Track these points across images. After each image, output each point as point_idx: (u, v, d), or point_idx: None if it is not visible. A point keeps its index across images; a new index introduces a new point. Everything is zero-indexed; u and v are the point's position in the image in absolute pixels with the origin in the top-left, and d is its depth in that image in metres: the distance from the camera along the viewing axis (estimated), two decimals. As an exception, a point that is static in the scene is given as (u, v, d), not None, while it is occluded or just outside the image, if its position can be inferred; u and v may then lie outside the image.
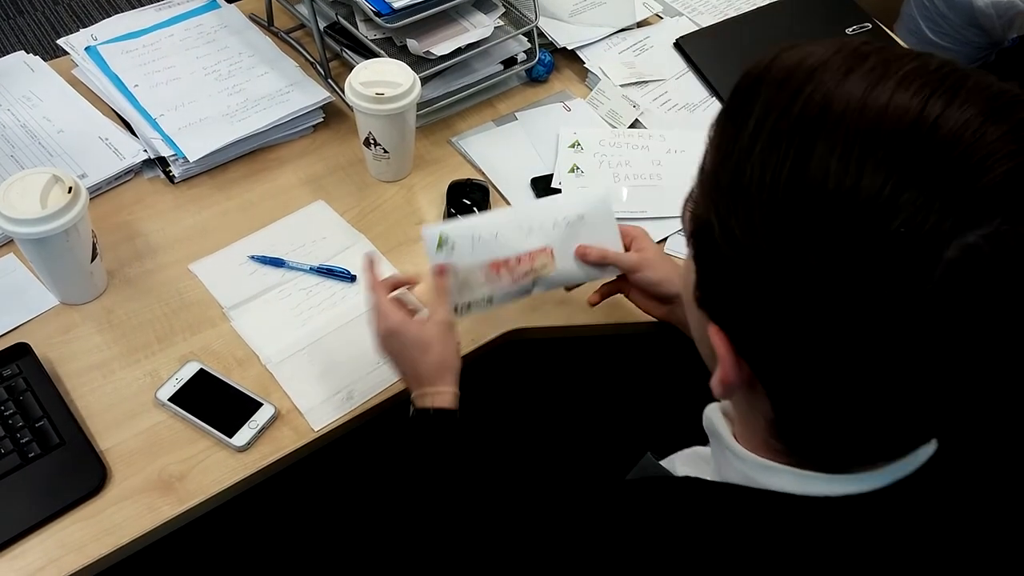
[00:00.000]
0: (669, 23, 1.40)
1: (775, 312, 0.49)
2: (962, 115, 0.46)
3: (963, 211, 0.45)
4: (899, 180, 0.45)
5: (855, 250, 0.46)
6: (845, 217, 0.46)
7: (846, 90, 0.48)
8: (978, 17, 1.89)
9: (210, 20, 1.32)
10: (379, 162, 1.14)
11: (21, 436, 0.89)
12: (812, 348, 0.48)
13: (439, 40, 1.18)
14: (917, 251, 0.45)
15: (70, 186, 0.93)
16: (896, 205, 0.45)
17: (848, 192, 0.46)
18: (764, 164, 0.49)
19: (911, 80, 0.48)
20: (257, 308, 1.02)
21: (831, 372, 0.48)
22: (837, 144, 0.47)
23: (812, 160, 0.47)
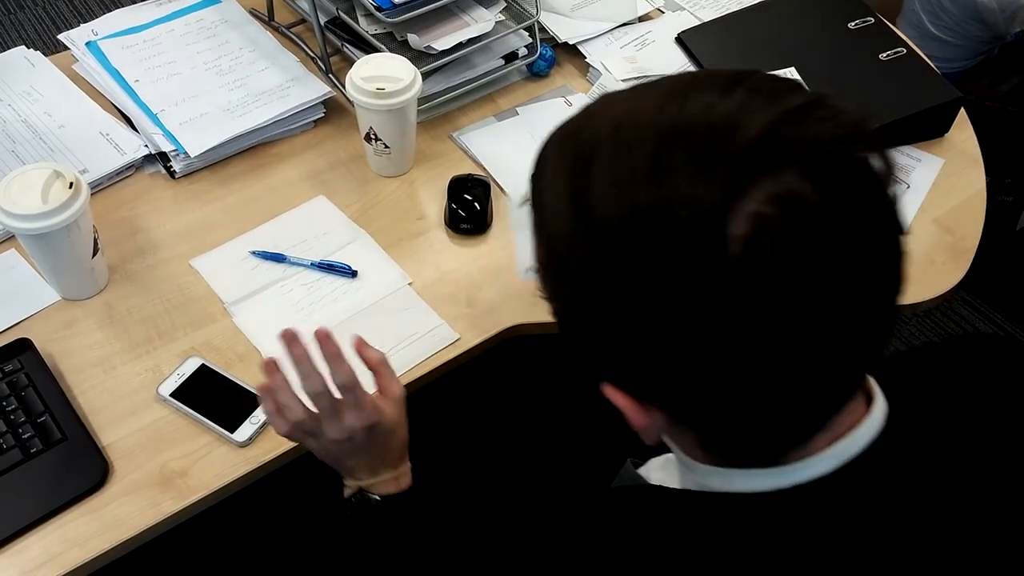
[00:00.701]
0: (671, 17, 1.40)
1: (630, 347, 0.50)
2: (701, 98, 0.49)
3: (731, 178, 0.46)
4: (665, 175, 0.47)
5: (658, 259, 0.47)
6: (642, 231, 0.47)
7: (608, 115, 0.52)
8: (981, 11, 1.88)
9: (211, 15, 1.32)
10: (380, 157, 1.14)
11: (23, 431, 0.89)
12: (673, 364, 0.49)
13: (440, 35, 1.18)
14: (705, 235, 0.45)
15: (71, 181, 0.93)
16: (671, 199, 0.46)
17: (633, 205, 0.47)
18: (553, 204, 0.52)
19: (651, 91, 0.52)
20: (258, 303, 1.02)
21: (704, 376, 0.49)
22: (609, 168, 0.49)
23: (591, 192, 0.49)
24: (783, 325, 0.47)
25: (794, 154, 0.46)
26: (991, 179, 1.23)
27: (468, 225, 1.10)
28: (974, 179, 1.19)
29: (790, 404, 0.51)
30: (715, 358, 0.48)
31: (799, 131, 0.47)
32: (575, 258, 0.50)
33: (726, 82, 0.50)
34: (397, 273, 1.05)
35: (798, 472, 0.54)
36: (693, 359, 0.48)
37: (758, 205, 0.45)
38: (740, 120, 0.47)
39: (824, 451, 0.54)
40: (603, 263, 0.49)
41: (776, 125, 0.46)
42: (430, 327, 1.01)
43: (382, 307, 1.02)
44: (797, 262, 0.45)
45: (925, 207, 1.15)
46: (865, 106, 1.28)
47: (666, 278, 0.47)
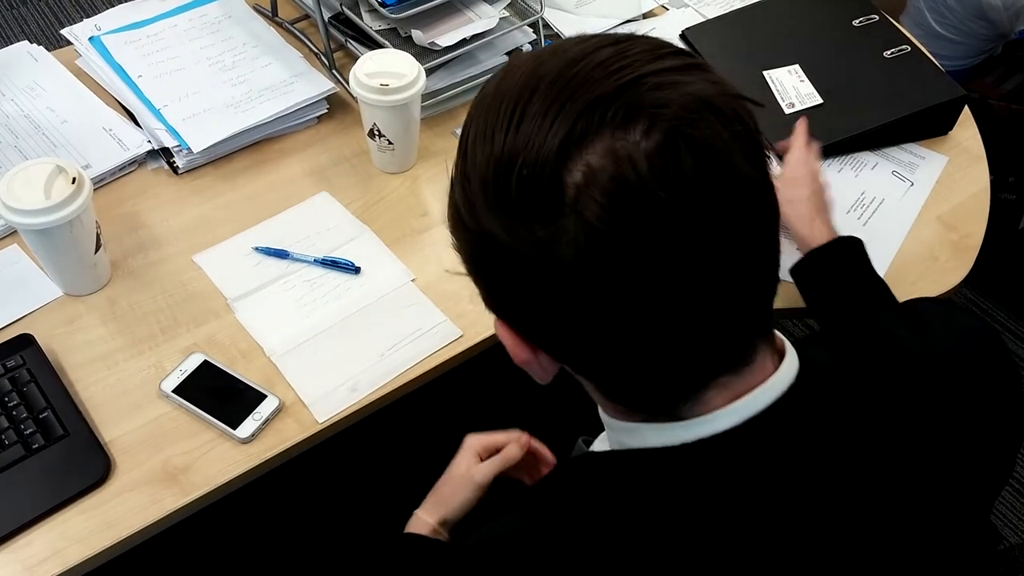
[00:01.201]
0: (675, 14, 1.40)
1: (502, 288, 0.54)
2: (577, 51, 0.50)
3: (571, 125, 0.47)
4: (520, 122, 0.49)
5: (510, 203, 0.49)
6: (498, 176, 0.49)
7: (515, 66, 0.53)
8: (985, 9, 1.88)
9: (214, 10, 1.32)
10: (383, 153, 1.14)
11: (25, 427, 0.89)
12: (536, 306, 0.52)
13: (444, 31, 1.18)
14: (543, 180, 0.47)
15: (74, 176, 0.93)
16: (517, 145, 0.48)
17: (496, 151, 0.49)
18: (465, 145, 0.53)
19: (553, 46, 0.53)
20: (261, 299, 1.02)
21: (563, 320, 0.51)
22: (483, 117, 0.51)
23: (469, 139, 0.52)
24: (620, 277, 0.48)
25: (642, 113, 0.47)
26: (994, 177, 1.22)
27: (471, 222, 1.09)
28: (978, 177, 1.19)
29: (663, 348, 0.52)
30: (569, 304, 0.50)
31: (655, 93, 0.48)
32: (457, 201, 0.54)
33: (608, 41, 0.51)
34: (400, 270, 1.05)
35: (699, 427, 0.55)
36: (551, 304, 0.51)
37: (594, 157, 0.47)
38: (601, 75, 0.48)
39: (723, 407, 0.55)
40: (472, 205, 0.51)
41: (632, 83, 0.48)
42: (433, 324, 1.00)
43: (385, 304, 1.02)
44: (624, 217, 0.47)
45: (929, 205, 1.14)
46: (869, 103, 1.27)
47: (518, 221, 0.49)
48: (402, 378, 0.96)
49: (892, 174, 1.18)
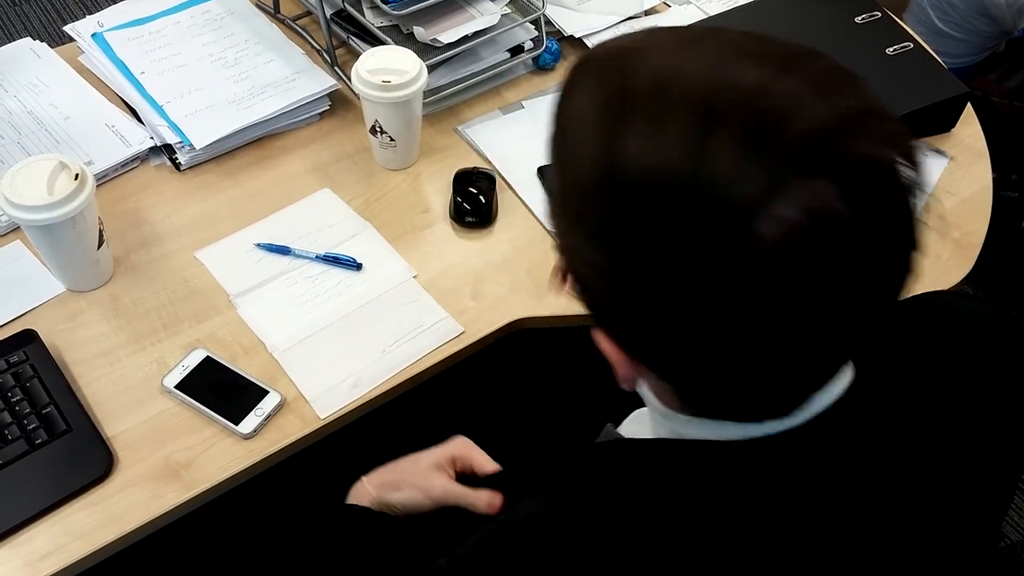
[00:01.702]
0: (677, 11, 1.39)
1: (631, 304, 0.51)
2: (753, 73, 0.47)
3: (772, 172, 0.45)
4: (707, 150, 0.46)
5: (679, 230, 0.46)
6: (671, 199, 0.46)
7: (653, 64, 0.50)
8: (988, 7, 1.87)
9: (216, 7, 1.32)
10: (385, 150, 1.14)
11: (28, 423, 0.89)
12: (672, 330, 0.50)
13: (446, 27, 1.18)
14: (733, 222, 0.45)
15: (76, 173, 0.93)
16: (709, 178, 0.45)
17: (667, 170, 0.46)
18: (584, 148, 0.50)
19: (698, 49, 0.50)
20: (263, 296, 1.02)
21: (700, 348, 0.50)
22: (647, 126, 0.47)
23: (626, 144, 0.48)
24: (786, 318, 0.47)
25: (839, 163, 0.46)
26: (997, 175, 1.22)
27: (473, 218, 1.10)
28: (980, 174, 1.19)
29: (776, 384, 0.52)
30: (714, 334, 0.49)
31: (848, 141, 0.46)
32: (594, 201, 0.50)
33: (781, 59, 0.49)
34: (402, 266, 1.05)
35: (768, 424, 0.55)
36: (693, 329, 0.49)
37: (792, 211, 0.45)
38: (792, 111, 0.46)
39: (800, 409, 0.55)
40: (623, 216, 0.48)
41: (826, 128, 0.46)
42: (435, 320, 1.01)
43: (387, 300, 1.02)
44: (814, 270, 0.46)
45: (931, 202, 1.14)
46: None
47: (682, 250, 0.47)
48: (404, 374, 0.96)
49: (894, 171, 1.18)
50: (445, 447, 0.84)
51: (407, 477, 0.83)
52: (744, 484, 0.54)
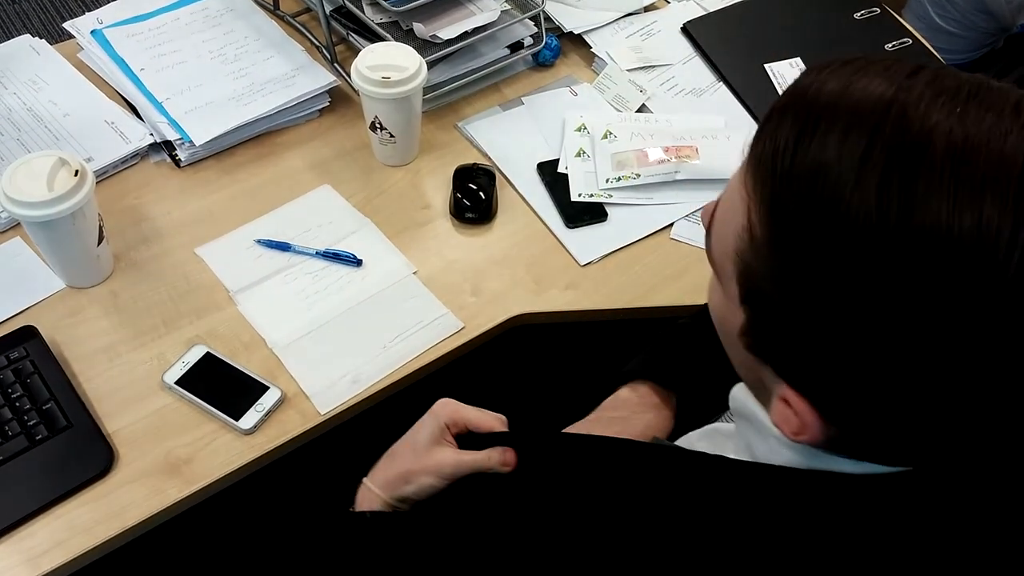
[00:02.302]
0: (676, 8, 1.39)
1: (865, 358, 0.47)
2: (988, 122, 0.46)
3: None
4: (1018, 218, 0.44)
5: (970, 296, 0.44)
6: (964, 260, 0.44)
7: (939, 122, 0.47)
8: (987, 3, 1.87)
9: (216, 4, 1.32)
10: (385, 146, 1.14)
11: (28, 418, 0.89)
12: (907, 385, 0.47)
13: (445, 24, 1.18)
14: (992, 263, 0.43)
15: (76, 169, 0.93)
16: (1014, 244, 0.44)
17: (962, 233, 0.44)
18: (867, 205, 0.46)
19: (936, 102, 0.47)
20: (263, 292, 1.02)
21: (931, 405, 0.48)
22: (944, 182, 0.45)
23: (918, 199, 0.45)
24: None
25: None
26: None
27: (473, 214, 1.10)
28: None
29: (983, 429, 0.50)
30: (954, 388, 0.47)
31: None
32: (870, 257, 0.46)
33: (1010, 106, 0.48)
34: (402, 262, 1.06)
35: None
36: (934, 383, 0.47)
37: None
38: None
39: None
40: (916, 271, 0.45)
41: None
42: (435, 316, 1.01)
43: (387, 296, 1.02)
44: None
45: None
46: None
47: (932, 298, 0.45)
48: (404, 370, 0.96)
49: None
50: (434, 418, 0.78)
51: (412, 465, 0.77)
52: (885, 524, 0.52)
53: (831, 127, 0.48)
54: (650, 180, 1.13)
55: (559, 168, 1.16)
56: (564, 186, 1.14)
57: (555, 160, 1.17)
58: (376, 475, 0.81)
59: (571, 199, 1.12)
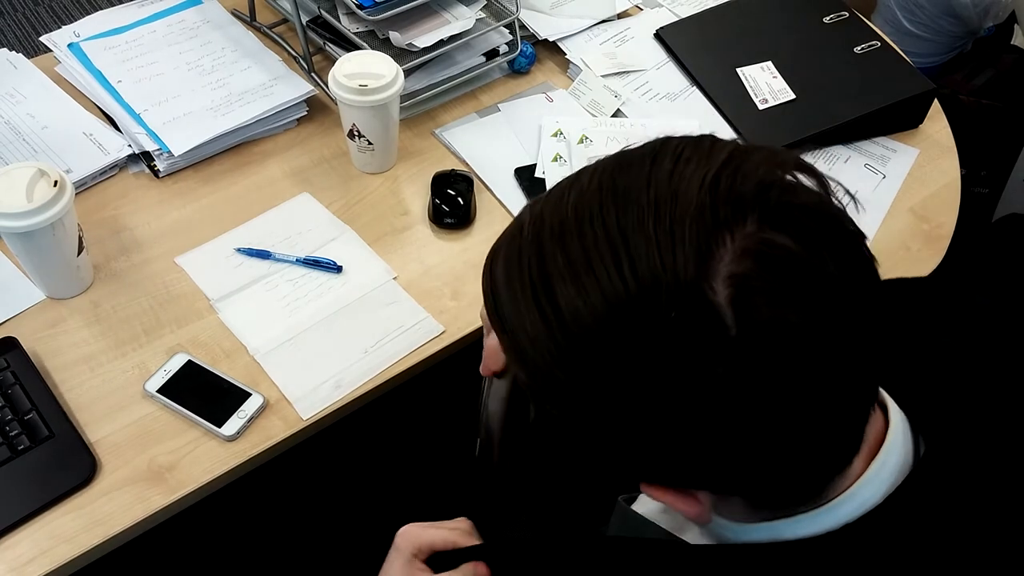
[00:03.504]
0: (649, 14, 1.42)
1: (651, 440, 0.49)
2: (632, 175, 0.48)
3: (694, 245, 0.45)
4: (629, 257, 0.45)
5: (650, 344, 0.45)
6: (625, 320, 0.45)
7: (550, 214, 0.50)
8: (954, 7, 1.91)
9: (192, 16, 1.33)
10: (363, 154, 1.15)
11: (10, 429, 0.89)
12: (698, 442, 0.48)
13: (421, 32, 1.19)
14: (691, 308, 0.44)
15: (55, 180, 0.93)
16: (645, 282, 0.45)
17: (606, 295, 0.46)
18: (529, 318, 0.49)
19: (571, 188, 0.50)
20: (244, 300, 1.03)
21: (731, 443, 0.48)
22: (563, 263, 0.48)
23: (555, 294, 0.47)
24: (794, 371, 0.46)
25: (744, 205, 0.46)
26: (967, 172, 1.25)
27: (452, 220, 1.11)
28: (948, 168, 1.21)
29: (824, 438, 0.50)
30: (737, 422, 0.47)
31: (737, 182, 0.46)
32: (561, 369, 0.48)
33: (649, 153, 0.50)
34: (382, 268, 1.06)
35: (843, 507, 0.53)
36: (716, 431, 0.47)
37: (730, 265, 0.44)
38: (677, 188, 0.47)
39: (863, 476, 0.54)
40: (587, 363, 0.47)
41: (714, 183, 0.46)
42: (415, 321, 1.01)
43: (367, 302, 1.03)
44: (787, 306, 0.45)
45: (900, 196, 1.17)
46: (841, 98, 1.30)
47: (662, 360, 0.45)
48: (386, 374, 0.97)
49: (864, 167, 1.20)
50: (398, 553, 0.72)
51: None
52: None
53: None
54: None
55: (536, 173, 1.17)
56: (541, 190, 1.15)
57: (532, 165, 1.18)
58: None
59: (548, 203, 1.14)
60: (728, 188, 0.46)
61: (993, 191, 1.93)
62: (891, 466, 0.54)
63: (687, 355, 0.45)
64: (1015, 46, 2.04)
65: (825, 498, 0.54)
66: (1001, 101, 1.88)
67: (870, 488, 0.54)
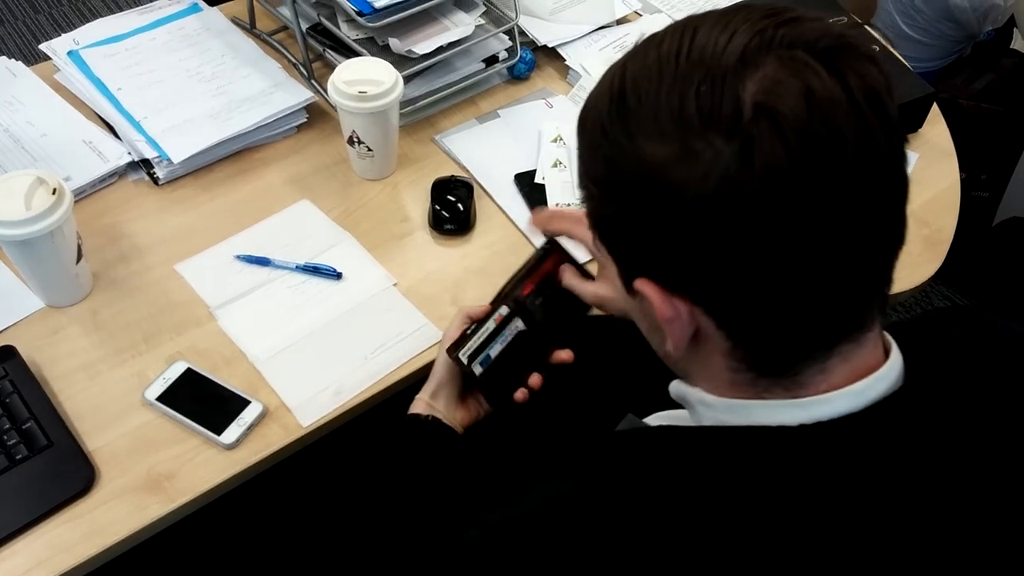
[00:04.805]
0: (648, 20, 1.42)
1: (657, 226, 0.53)
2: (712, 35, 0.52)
3: (746, 40, 0.50)
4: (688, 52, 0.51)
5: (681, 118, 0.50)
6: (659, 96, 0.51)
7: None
8: (953, 11, 1.91)
9: (192, 23, 1.33)
10: (363, 160, 1.15)
11: (8, 438, 0.89)
12: (696, 238, 0.52)
13: (421, 39, 1.19)
14: (721, 97, 0.49)
15: (54, 187, 0.93)
16: (692, 67, 0.51)
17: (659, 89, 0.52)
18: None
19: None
20: (243, 307, 1.02)
21: (725, 253, 0.52)
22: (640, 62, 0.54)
23: (625, 86, 0.54)
24: (802, 194, 0.49)
25: (803, 43, 0.50)
26: (967, 176, 1.25)
27: (452, 226, 1.10)
28: (948, 172, 1.21)
29: (809, 294, 0.52)
30: (735, 233, 0.50)
31: (809, 25, 0.51)
32: (602, 145, 0.54)
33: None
34: (382, 274, 1.06)
35: (821, 406, 0.55)
36: (714, 233, 0.51)
37: (771, 69, 0.49)
38: (758, 15, 0.52)
39: (845, 388, 0.55)
40: (632, 138, 0.52)
41: (788, 21, 0.51)
42: (415, 327, 1.01)
43: (367, 308, 1.03)
44: (806, 131, 0.48)
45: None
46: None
47: (697, 138, 0.49)
48: (385, 381, 0.97)
49: (865, 171, 1.20)
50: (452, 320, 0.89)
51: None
52: (799, 474, 0.54)
53: None
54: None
55: (536, 179, 1.17)
56: (541, 196, 1.15)
57: (532, 171, 1.18)
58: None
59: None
60: (794, 27, 0.51)
61: (993, 195, 1.93)
62: (875, 392, 0.56)
63: (707, 134, 0.49)
64: (1014, 50, 2.04)
65: (799, 387, 0.56)
66: (1001, 105, 1.88)
67: (848, 400, 0.55)
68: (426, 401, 0.88)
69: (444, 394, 0.88)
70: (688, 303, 0.55)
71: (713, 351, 0.58)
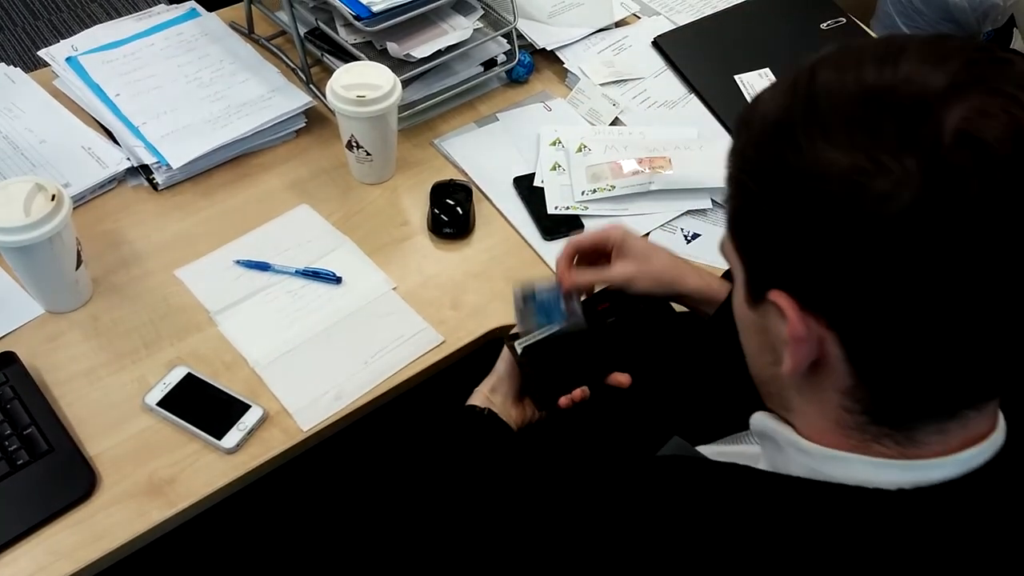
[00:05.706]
0: (647, 22, 1.42)
1: (812, 237, 0.49)
2: (905, 68, 0.48)
3: (954, 71, 0.46)
4: (892, 62, 0.48)
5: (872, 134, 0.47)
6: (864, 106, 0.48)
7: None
8: (952, 12, 1.91)
9: (190, 29, 1.33)
10: (362, 165, 1.15)
11: (9, 444, 0.89)
12: (854, 259, 0.47)
13: (419, 43, 1.19)
14: (921, 116, 0.45)
15: (53, 194, 0.93)
16: (895, 82, 0.47)
17: (860, 83, 0.48)
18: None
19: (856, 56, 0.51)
20: (244, 312, 1.02)
21: (880, 281, 0.47)
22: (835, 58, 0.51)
23: (815, 79, 0.50)
24: (985, 235, 0.45)
25: (1019, 80, 0.47)
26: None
27: (451, 229, 1.11)
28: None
29: (964, 347, 0.48)
30: (906, 261, 0.46)
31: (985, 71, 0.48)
32: (772, 148, 0.50)
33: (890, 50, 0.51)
34: (381, 278, 1.06)
35: (929, 471, 0.52)
36: (882, 256, 0.46)
37: (976, 102, 0.45)
38: (962, 45, 0.49)
39: (954, 455, 0.52)
40: (811, 142, 0.48)
41: (995, 60, 0.48)
42: (415, 330, 1.01)
43: (367, 312, 1.03)
44: (1009, 166, 0.44)
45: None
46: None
47: (883, 152, 0.46)
48: (385, 385, 0.97)
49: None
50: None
51: None
52: (896, 541, 0.50)
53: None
54: (625, 191, 1.15)
55: (535, 182, 1.17)
56: (540, 199, 1.15)
57: (531, 174, 1.18)
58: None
59: (548, 212, 1.14)
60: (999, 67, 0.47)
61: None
62: (979, 460, 0.53)
63: (897, 150, 0.45)
64: (1014, 50, 2.04)
65: (914, 444, 0.52)
66: (1000, 105, 1.88)
67: (954, 467, 0.52)
68: (485, 394, 0.89)
69: (502, 390, 0.89)
70: (824, 326, 0.51)
71: (829, 385, 0.53)
